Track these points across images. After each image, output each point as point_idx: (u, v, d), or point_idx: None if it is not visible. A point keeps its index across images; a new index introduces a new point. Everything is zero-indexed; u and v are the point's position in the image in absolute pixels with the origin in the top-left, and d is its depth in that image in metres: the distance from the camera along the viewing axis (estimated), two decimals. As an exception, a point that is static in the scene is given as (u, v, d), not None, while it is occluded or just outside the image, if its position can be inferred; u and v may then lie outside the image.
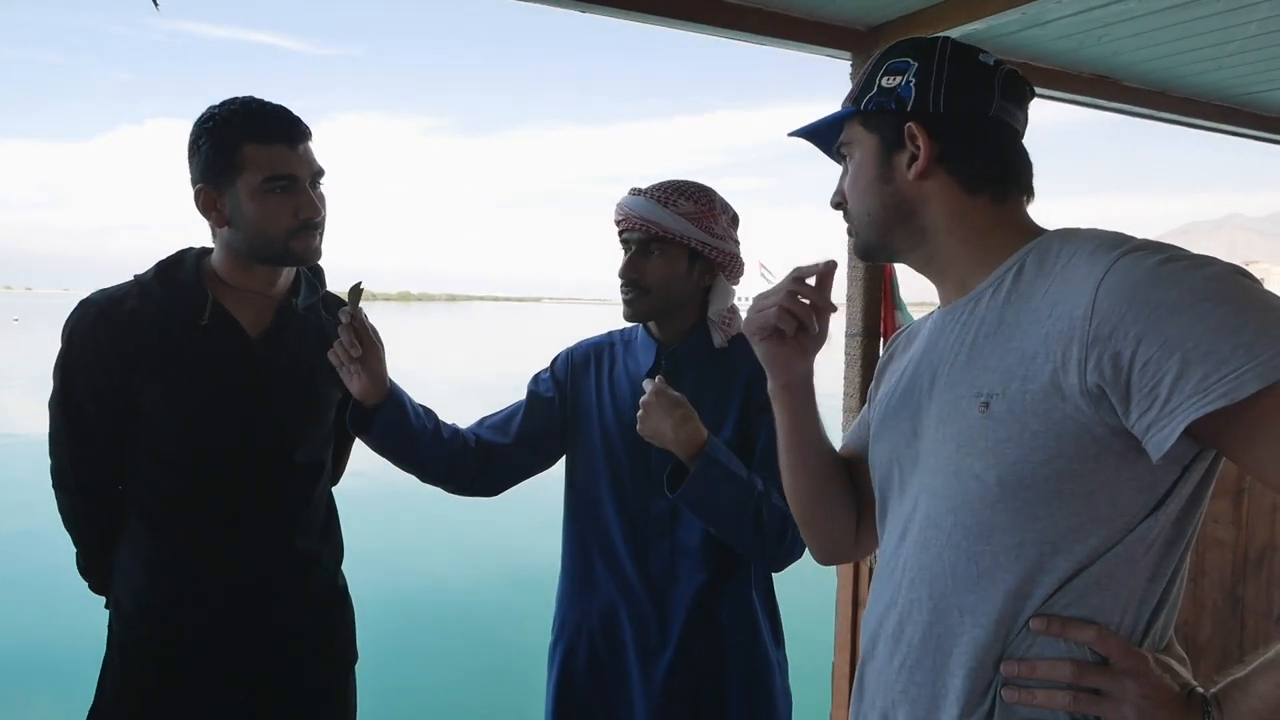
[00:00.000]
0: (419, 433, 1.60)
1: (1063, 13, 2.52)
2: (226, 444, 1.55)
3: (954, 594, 0.96)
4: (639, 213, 1.63)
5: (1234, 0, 2.45)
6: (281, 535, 1.61)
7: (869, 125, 1.06)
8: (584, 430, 1.75)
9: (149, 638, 1.56)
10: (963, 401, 0.95)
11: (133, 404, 1.51)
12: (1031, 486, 0.89)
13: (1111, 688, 0.88)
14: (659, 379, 1.53)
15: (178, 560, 1.56)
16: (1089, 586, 0.89)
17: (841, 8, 2.51)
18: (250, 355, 1.56)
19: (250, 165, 1.47)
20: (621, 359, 1.77)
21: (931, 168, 1.02)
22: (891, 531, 1.08)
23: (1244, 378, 0.76)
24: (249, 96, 1.51)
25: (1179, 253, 0.85)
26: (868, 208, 1.07)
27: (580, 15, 2.32)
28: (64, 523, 1.63)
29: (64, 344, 1.53)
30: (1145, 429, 0.83)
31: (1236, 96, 3.45)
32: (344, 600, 1.77)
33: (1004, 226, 1.02)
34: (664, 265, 1.64)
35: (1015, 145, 1.04)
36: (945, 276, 1.07)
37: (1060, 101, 3.20)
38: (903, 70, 1.03)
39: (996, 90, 1.01)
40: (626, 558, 1.67)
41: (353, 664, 1.79)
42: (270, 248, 1.51)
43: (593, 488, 1.72)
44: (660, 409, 1.49)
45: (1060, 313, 0.88)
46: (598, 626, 1.70)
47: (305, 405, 1.63)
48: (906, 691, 1.00)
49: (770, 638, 1.72)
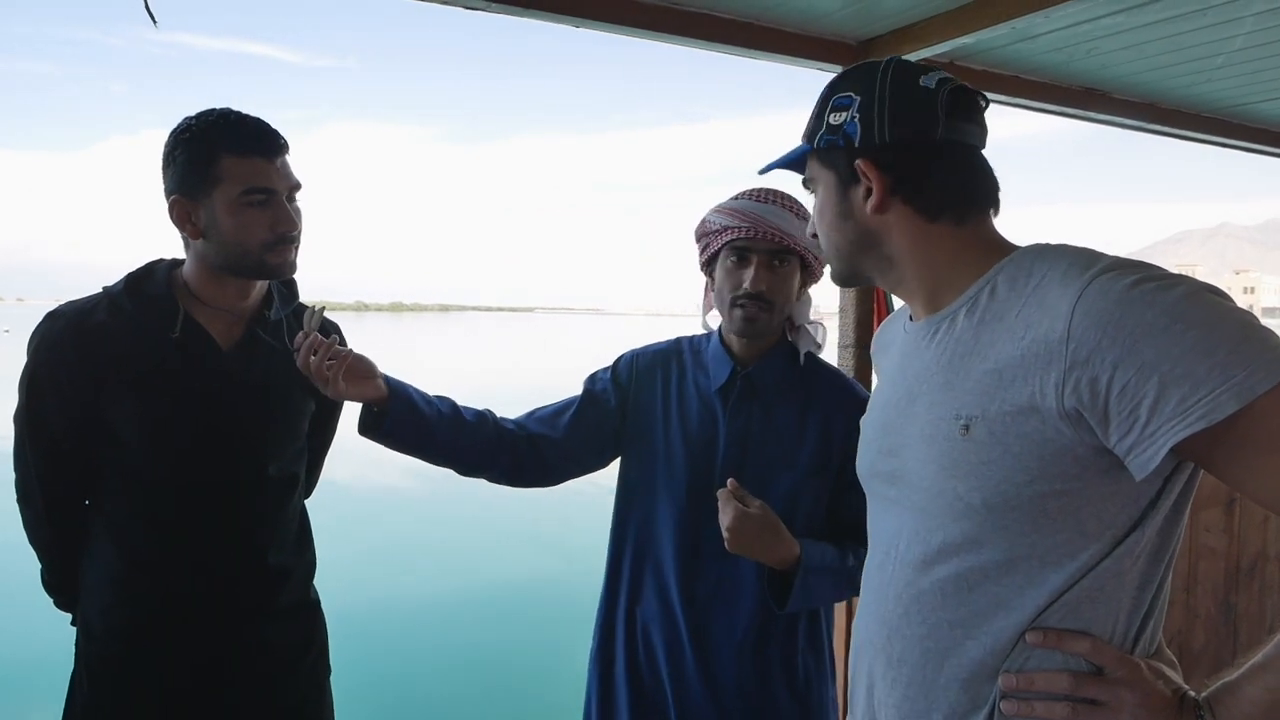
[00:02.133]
0: (434, 422, 1.52)
1: (1051, 27, 2.54)
2: (197, 458, 1.52)
3: (944, 609, 0.96)
4: (775, 223, 1.53)
5: (1221, 14, 2.48)
6: (253, 550, 1.58)
7: (824, 162, 1.08)
8: (645, 439, 1.67)
9: (117, 656, 1.52)
10: (944, 424, 0.96)
11: (101, 418, 1.48)
12: (1017, 507, 0.90)
13: (1108, 697, 0.90)
14: (731, 483, 1.46)
15: (146, 576, 1.52)
16: (1080, 600, 0.90)
17: (833, 22, 2.53)
18: (222, 369, 1.52)
19: (228, 177, 1.44)
20: (691, 371, 1.68)
21: (887, 200, 1.02)
22: (877, 545, 1.09)
23: (1221, 399, 0.77)
24: (227, 108, 1.48)
25: (1151, 273, 0.86)
26: (834, 242, 1.09)
27: (573, 30, 2.33)
28: (29, 538, 1.59)
29: (30, 357, 1.49)
30: (1127, 451, 0.84)
31: (1225, 108, 3.48)
32: (316, 613, 1.73)
33: (970, 247, 1.02)
34: (788, 278, 1.57)
35: (971, 163, 1.04)
36: (914, 297, 1.08)
37: (1050, 114, 3.22)
38: (846, 106, 1.03)
39: (941, 112, 1.00)
40: (673, 577, 1.60)
41: (327, 677, 1.75)
42: (245, 261, 1.48)
43: (649, 500, 1.65)
44: (749, 531, 1.42)
45: (1035, 335, 0.88)
46: (639, 641, 1.65)
47: (278, 418, 1.60)
48: (900, 706, 1.00)
49: (830, 676, 1.68)
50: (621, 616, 1.67)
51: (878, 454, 1.08)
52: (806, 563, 1.47)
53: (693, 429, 1.62)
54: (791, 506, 1.56)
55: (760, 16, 2.48)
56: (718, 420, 1.61)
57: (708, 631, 1.59)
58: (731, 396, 1.61)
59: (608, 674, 1.69)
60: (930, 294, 1.04)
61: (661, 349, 1.74)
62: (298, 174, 1.53)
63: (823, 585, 1.51)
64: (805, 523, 1.57)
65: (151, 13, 1.92)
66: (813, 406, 1.61)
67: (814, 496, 1.59)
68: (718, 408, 1.62)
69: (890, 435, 1.05)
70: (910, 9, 2.43)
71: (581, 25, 2.30)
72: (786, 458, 1.59)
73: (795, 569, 1.48)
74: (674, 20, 2.38)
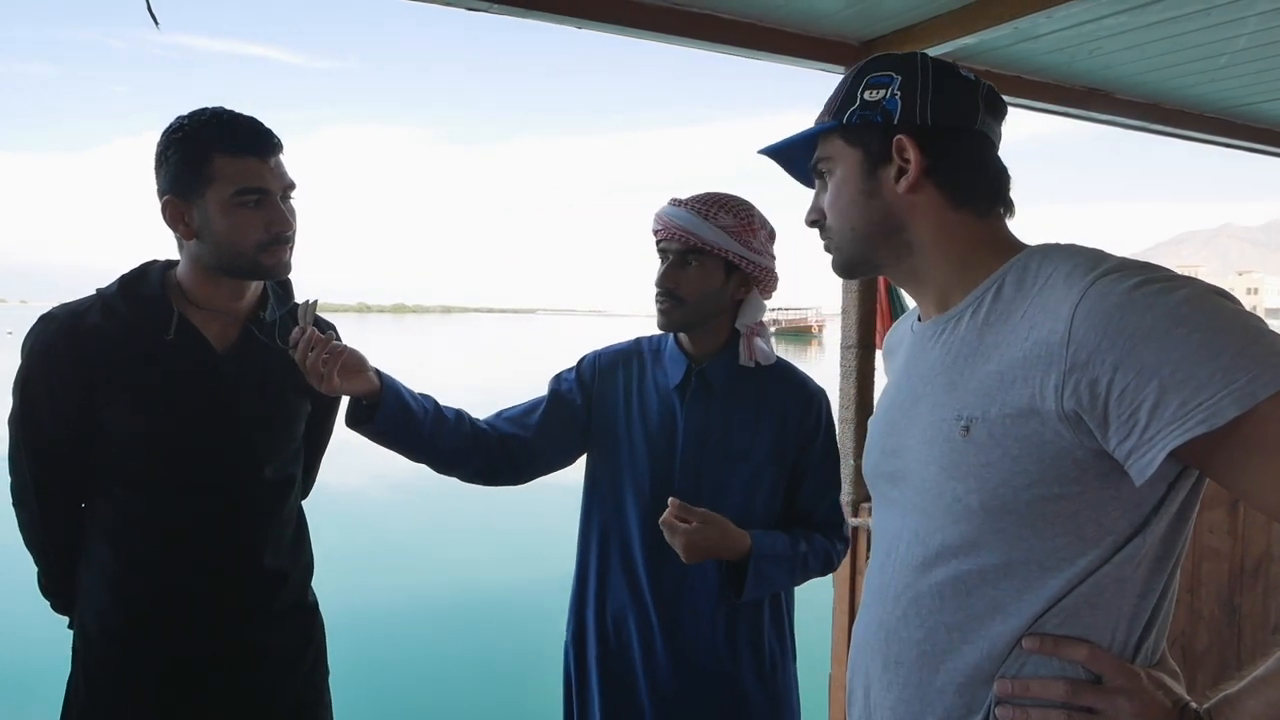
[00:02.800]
0: (420, 418, 1.56)
1: (1054, 27, 2.54)
2: (193, 460, 1.51)
3: (941, 612, 0.95)
4: (679, 223, 1.62)
5: (1225, 14, 2.48)
6: (250, 552, 1.57)
7: (851, 139, 1.05)
8: (609, 437, 1.73)
9: (114, 658, 1.51)
10: (945, 425, 0.95)
11: (96, 420, 1.46)
12: (1015, 510, 0.89)
13: (1105, 706, 0.88)
14: (671, 503, 1.50)
15: (143, 579, 1.51)
16: (1080, 605, 0.89)
17: (835, 23, 2.53)
18: (217, 370, 1.51)
19: (220, 177, 1.42)
20: (650, 370, 1.75)
21: (920, 181, 1.01)
22: (879, 546, 1.08)
23: (1222, 403, 0.76)
24: (219, 107, 1.47)
25: (1154, 274, 0.84)
26: (851, 223, 1.06)
27: (575, 30, 2.34)
28: (25, 541, 1.58)
29: (24, 360, 1.48)
30: (1126, 455, 0.83)
31: (1228, 108, 3.47)
32: (314, 615, 1.73)
33: (986, 243, 1.02)
34: (700, 276, 1.63)
35: (997, 159, 1.04)
36: (925, 291, 1.06)
37: (1054, 114, 3.22)
38: (886, 84, 1.02)
39: (981, 103, 1.01)
40: (642, 567, 1.67)
41: (325, 679, 1.75)
42: (239, 261, 1.47)
43: (616, 495, 1.71)
44: (700, 546, 1.48)
45: (1037, 336, 0.88)
46: (610, 630, 1.70)
47: (274, 419, 1.59)
48: (895, 708, 1.00)
49: (791, 654, 1.76)
50: (592, 608, 1.73)
51: (881, 454, 1.08)
52: (757, 552, 1.56)
53: (653, 425, 1.69)
54: (749, 496, 1.65)
55: (762, 17, 2.47)
56: (676, 416, 1.68)
57: (678, 620, 1.65)
58: (687, 393, 1.68)
59: (582, 664, 1.75)
60: (941, 288, 1.04)
61: (622, 349, 1.82)
62: (295, 174, 1.52)
63: (776, 572, 1.60)
64: (764, 511, 1.66)
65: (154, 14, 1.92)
66: (767, 400, 1.68)
67: (770, 486, 1.67)
68: (676, 404, 1.69)
69: (894, 436, 1.05)
70: (913, 9, 2.43)
71: (583, 26, 2.30)
72: (742, 450, 1.65)
73: (749, 559, 1.56)
74: (675, 21, 2.38)
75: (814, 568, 1.65)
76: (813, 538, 1.64)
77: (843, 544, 1.70)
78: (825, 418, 1.71)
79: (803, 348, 50.56)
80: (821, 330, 72.64)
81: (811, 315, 76.60)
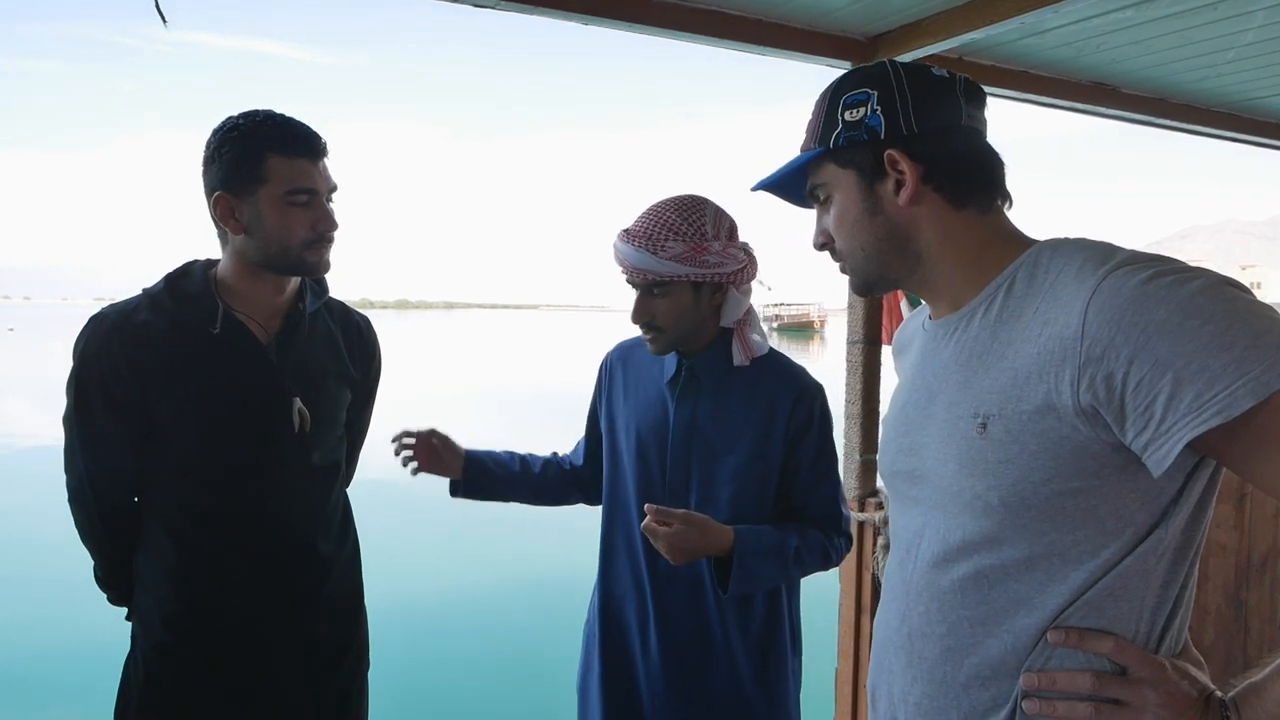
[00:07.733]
0: (504, 481, 1.88)
1: (1061, 21, 2.53)
2: (245, 450, 1.57)
3: (963, 607, 0.96)
4: (632, 262, 1.63)
5: (1231, 8, 2.47)
6: (302, 538, 1.63)
7: (842, 162, 1.05)
8: (615, 427, 1.81)
9: (173, 643, 1.57)
10: (962, 423, 0.96)
11: (149, 416, 1.52)
12: (1035, 505, 0.90)
13: (1131, 697, 0.89)
14: (648, 509, 1.52)
15: (200, 567, 1.57)
16: (1103, 598, 0.90)
17: (841, 18, 2.52)
18: (263, 361, 1.58)
19: (273, 176, 1.49)
20: (649, 364, 1.80)
21: (920, 189, 1.01)
22: (898, 544, 1.08)
23: (1237, 394, 0.77)
24: (271, 110, 1.54)
25: (1166, 267, 0.85)
26: (860, 243, 1.06)
27: (581, 26, 2.33)
28: (81, 538, 1.64)
29: (77, 360, 1.53)
30: (1143, 447, 0.83)
31: (1235, 103, 3.46)
32: (360, 605, 1.79)
33: (993, 240, 1.02)
34: (669, 303, 1.65)
35: (988, 146, 1.04)
36: (939, 294, 1.07)
37: (1060, 109, 3.21)
38: (864, 100, 1.02)
39: (961, 98, 1.01)
40: (643, 556, 1.71)
41: (366, 671, 1.80)
42: (285, 258, 1.54)
43: (621, 487, 1.78)
44: (684, 549, 1.51)
45: (1051, 332, 0.88)
46: (613, 617, 1.77)
47: (319, 408, 1.65)
48: (920, 704, 1.01)
49: (789, 647, 1.75)
50: (599, 594, 1.81)
51: (898, 453, 1.08)
52: (740, 547, 1.57)
53: (649, 419, 1.74)
54: (739, 489, 1.66)
55: (769, 13, 2.47)
56: (668, 410, 1.72)
57: (670, 609, 1.69)
58: (678, 388, 1.71)
59: (590, 648, 1.82)
60: (955, 290, 1.04)
61: (629, 344, 1.88)
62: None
63: (764, 567, 1.59)
64: (755, 505, 1.67)
65: (161, 11, 1.92)
66: (757, 394, 1.68)
67: (759, 479, 1.67)
68: (668, 398, 1.72)
69: (910, 434, 1.05)
70: (919, 4, 2.42)
71: (590, 23, 2.30)
72: (730, 444, 1.67)
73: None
74: (683, 17, 2.38)
75: (810, 563, 1.65)
76: (807, 533, 1.64)
77: (843, 539, 1.70)
78: (819, 412, 1.69)
79: (805, 343, 50.55)
80: (824, 325, 72.51)
81: (813, 310, 76.48)
